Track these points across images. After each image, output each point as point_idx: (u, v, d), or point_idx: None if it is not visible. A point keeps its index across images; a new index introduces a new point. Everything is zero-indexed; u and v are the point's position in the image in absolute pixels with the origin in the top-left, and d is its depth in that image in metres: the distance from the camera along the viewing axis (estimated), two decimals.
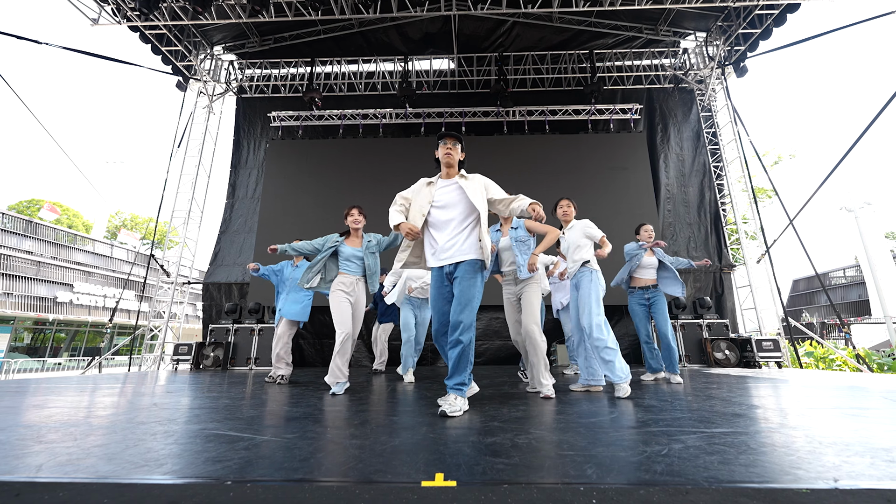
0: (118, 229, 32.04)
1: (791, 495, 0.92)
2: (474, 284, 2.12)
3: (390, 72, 9.02)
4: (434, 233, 2.26)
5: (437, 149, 2.39)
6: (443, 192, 2.28)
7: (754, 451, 1.32)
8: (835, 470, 1.10)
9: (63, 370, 20.58)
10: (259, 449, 1.39)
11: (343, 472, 1.14)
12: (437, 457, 1.28)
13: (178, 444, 1.48)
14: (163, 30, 7.59)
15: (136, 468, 1.18)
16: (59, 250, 23.83)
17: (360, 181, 7.95)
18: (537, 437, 1.55)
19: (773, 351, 6.07)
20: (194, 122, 8.65)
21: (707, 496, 0.92)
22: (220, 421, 1.96)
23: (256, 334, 6.66)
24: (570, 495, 0.93)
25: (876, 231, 17.33)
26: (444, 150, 2.33)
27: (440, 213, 2.24)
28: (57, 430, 1.75)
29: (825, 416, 1.94)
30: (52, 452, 1.36)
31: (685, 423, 1.79)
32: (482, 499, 0.93)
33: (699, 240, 7.83)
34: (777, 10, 7.09)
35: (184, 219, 8.25)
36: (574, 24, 8.31)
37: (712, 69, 8.27)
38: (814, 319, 21.57)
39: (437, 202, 2.26)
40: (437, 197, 2.28)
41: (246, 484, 1.02)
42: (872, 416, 1.95)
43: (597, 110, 8.32)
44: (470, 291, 2.10)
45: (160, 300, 7.99)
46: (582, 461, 1.20)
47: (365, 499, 0.94)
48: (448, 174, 2.35)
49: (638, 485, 0.99)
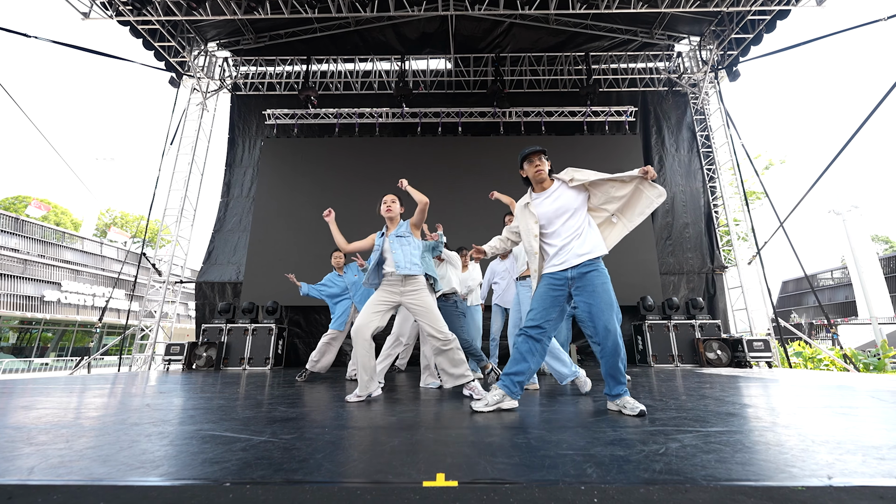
0: (108, 227, 31.59)
1: (787, 493, 0.94)
2: (607, 286, 2.11)
3: (387, 71, 9.00)
4: (551, 241, 2.26)
5: (522, 168, 2.39)
6: (549, 205, 2.27)
7: (749, 449, 1.34)
8: (828, 468, 1.12)
9: (50, 371, 20.24)
10: (257, 450, 1.38)
11: (343, 472, 1.13)
12: (437, 457, 1.27)
13: (174, 446, 1.47)
14: (156, 25, 7.49)
15: (132, 470, 1.16)
16: (47, 248, 23.43)
17: (356, 180, 7.92)
18: (536, 436, 1.56)
19: (764, 351, 6.15)
20: (187, 119, 8.56)
21: (706, 494, 0.93)
22: (215, 422, 1.94)
23: (250, 334, 6.60)
24: (572, 495, 0.94)
25: (862, 234, 17.67)
26: (533, 169, 2.32)
27: (553, 227, 2.25)
28: (47, 431, 1.73)
29: (816, 415, 1.98)
30: (44, 454, 1.33)
31: (681, 422, 1.81)
32: (484, 498, 0.93)
33: (692, 241, 7.91)
34: (769, 15, 7.19)
35: (176, 217, 8.15)
36: (570, 26, 8.36)
37: (706, 73, 8.37)
38: (802, 320, 21.92)
39: (544, 215, 2.27)
40: (542, 212, 2.28)
41: (245, 485, 1.01)
42: (861, 415, 1.99)
43: (592, 112, 8.38)
44: (607, 294, 2.09)
45: (151, 299, 7.89)
46: (581, 461, 1.21)
47: (367, 499, 0.94)
48: (543, 188, 2.34)
49: (638, 484, 1.00)
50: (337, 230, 3.11)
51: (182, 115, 8.48)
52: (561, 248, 2.19)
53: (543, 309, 2.15)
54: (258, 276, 7.36)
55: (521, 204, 2.38)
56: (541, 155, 2.34)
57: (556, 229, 2.23)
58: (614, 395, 2.10)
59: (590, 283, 2.09)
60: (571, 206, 2.22)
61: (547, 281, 2.20)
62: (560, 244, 2.20)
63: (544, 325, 2.14)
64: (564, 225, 2.21)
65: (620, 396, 2.08)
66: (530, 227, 2.27)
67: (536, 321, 2.15)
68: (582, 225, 2.21)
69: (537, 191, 2.35)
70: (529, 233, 2.28)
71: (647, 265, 7.32)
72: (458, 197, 7.75)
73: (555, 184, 2.32)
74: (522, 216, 2.35)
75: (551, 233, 2.24)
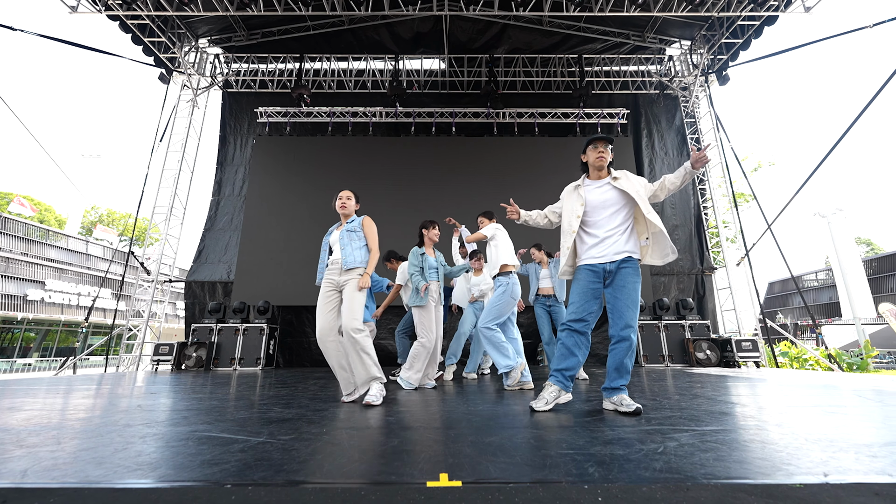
0: (94, 225, 30.97)
1: (786, 490, 0.96)
2: (637, 286, 2.16)
3: (380, 70, 8.96)
4: (591, 231, 2.28)
5: (585, 152, 2.40)
6: (598, 193, 2.29)
7: (745, 448, 1.36)
8: (823, 465, 1.15)
9: (33, 371, 19.76)
10: (255, 451, 1.37)
11: (345, 473, 1.13)
12: (438, 457, 1.27)
13: (170, 447, 1.44)
14: (145, 20, 7.37)
15: (129, 472, 1.14)
16: (30, 246, 22.88)
17: (349, 180, 7.86)
18: (535, 436, 1.57)
19: (752, 351, 6.26)
20: (177, 116, 8.43)
21: (707, 493, 0.95)
22: (210, 423, 1.91)
23: (241, 334, 6.53)
24: (577, 493, 0.95)
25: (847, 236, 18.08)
26: (596, 154, 2.33)
27: (596, 215, 2.27)
28: (37, 433, 1.69)
29: (806, 414, 2.02)
30: (36, 457, 1.30)
31: (676, 421, 1.83)
32: (489, 498, 0.93)
33: (682, 243, 8.02)
34: (758, 21, 7.32)
35: (165, 215, 8.02)
36: (563, 28, 8.42)
37: (696, 77, 8.49)
38: (788, 320, 22.36)
39: (592, 202, 2.28)
40: (591, 198, 2.29)
41: (247, 487, 1.00)
42: (850, 414, 2.03)
43: (585, 114, 8.45)
44: (635, 294, 2.14)
45: (139, 299, 7.75)
46: (582, 460, 1.22)
47: (371, 500, 0.93)
48: (599, 176, 2.36)
49: (640, 482, 1.01)
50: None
51: (172, 112, 8.35)
52: (601, 241, 2.23)
53: (584, 302, 2.19)
54: (249, 276, 7.27)
55: (572, 186, 2.42)
56: (607, 143, 2.36)
57: (599, 220, 2.26)
58: (613, 390, 2.13)
59: (623, 278, 2.15)
60: (617, 202, 2.25)
61: (585, 273, 2.24)
62: (601, 236, 2.24)
63: (587, 317, 2.19)
64: (607, 218, 2.25)
65: (618, 392, 2.12)
66: (575, 208, 2.31)
67: (579, 314, 2.19)
68: (625, 224, 2.24)
69: (591, 177, 2.39)
70: (573, 213, 2.31)
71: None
72: (451, 197, 7.75)
73: (608, 178, 2.34)
74: (570, 197, 2.39)
75: (593, 222, 2.28)
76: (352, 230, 2.86)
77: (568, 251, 2.30)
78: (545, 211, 2.57)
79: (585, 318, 2.18)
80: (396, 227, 7.57)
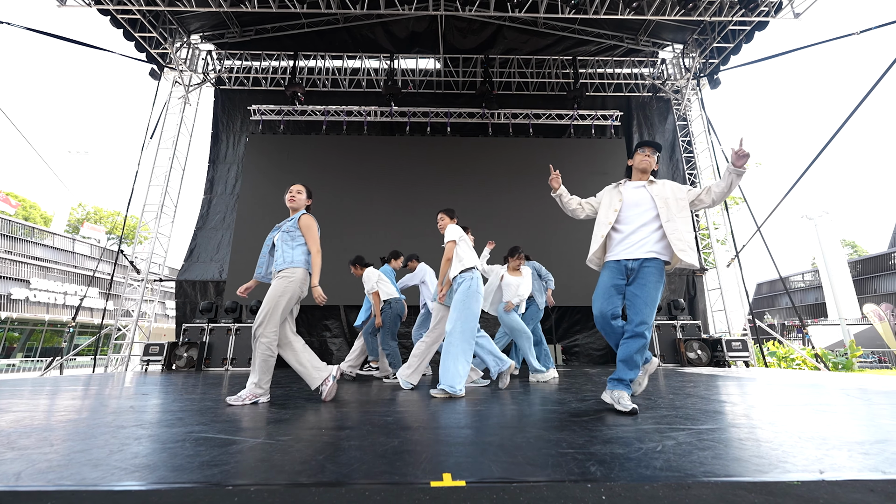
0: (81, 223, 30.40)
1: (784, 487, 0.97)
2: (659, 286, 2.21)
3: (375, 69, 8.93)
4: (620, 227, 2.36)
5: (632, 157, 2.54)
6: (633, 193, 2.41)
7: (741, 446, 1.38)
8: (818, 462, 1.17)
9: (17, 372, 19.34)
10: (254, 452, 1.36)
11: (347, 473, 1.12)
12: (439, 457, 1.27)
13: (167, 449, 1.42)
14: (136, 15, 7.25)
15: (127, 474, 1.12)
16: (15, 244, 22.39)
17: (344, 179, 7.85)
18: (535, 435, 1.58)
19: (742, 351, 6.36)
20: (169, 112, 8.31)
21: (708, 490, 0.96)
22: (205, 423, 1.89)
23: (233, 334, 6.46)
24: (580, 492, 0.95)
25: (833, 238, 18.45)
26: (642, 156, 2.48)
27: (628, 211, 2.36)
28: (28, 434, 1.65)
29: (798, 413, 2.05)
30: (29, 459, 1.28)
31: (672, 420, 1.86)
32: (494, 498, 0.93)
33: None
34: (749, 26, 7.44)
35: (156, 213, 7.91)
36: (558, 30, 8.47)
37: (688, 80, 8.60)
38: (775, 321, 22.75)
39: (627, 200, 2.38)
40: (627, 196, 2.40)
41: (250, 488, 0.99)
42: (839, 412, 2.08)
43: (579, 115, 8.50)
44: (655, 293, 2.19)
45: (129, 298, 7.63)
46: (583, 459, 1.22)
47: (376, 500, 0.93)
48: (641, 178, 2.49)
49: (642, 481, 1.02)
50: None
51: (163, 108, 8.23)
52: (627, 237, 2.30)
53: (608, 298, 2.24)
54: (242, 275, 7.19)
55: (613, 185, 2.54)
56: (654, 150, 2.51)
57: (629, 216, 2.34)
58: (617, 381, 2.15)
59: (645, 276, 2.21)
60: (649, 203, 2.34)
61: (609, 270, 2.31)
62: (628, 231, 2.31)
63: (618, 311, 2.25)
64: (637, 216, 2.33)
65: (621, 386, 2.14)
66: (613, 202, 2.42)
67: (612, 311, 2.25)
68: (655, 225, 2.30)
69: (633, 178, 2.51)
70: (610, 207, 2.42)
71: None
72: (446, 197, 7.74)
73: (646, 181, 2.46)
74: (609, 193, 2.50)
75: (624, 218, 2.36)
76: (286, 230, 2.76)
77: (601, 240, 2.38)
78: (584, 200, 2.62)
79: (617, 312, 2.26)
80: (390, 227, 7.56)
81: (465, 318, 2.99)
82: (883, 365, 17.13)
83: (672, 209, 2.29)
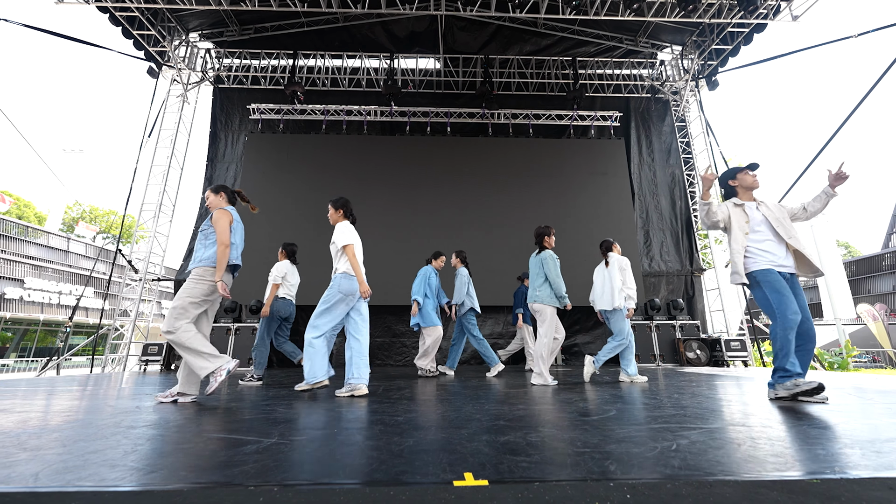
0: (75, 222, 30.15)
1: (804, 486, 0.98)
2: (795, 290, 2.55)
3: (375, 69, 8.91)
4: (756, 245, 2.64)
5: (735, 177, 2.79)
6: (754, 213, 2.69)
7: (754, 445, 1.39)
8: (833, 461, 1.18)
9: (11, 372, 19.14)
10: (270, 452, 1.35)
11: (368, 473, 1.12)
12: (457, 456, 1.28)
13: (181, 449, 1.42)
14: (135, 12, 7.20)
15: (145, 475, 1.12)
16: (8, 243, 22.15)
17: (344, 178, 7.83)
18: (548, 435, 1.58)
19: (740, 350, 6.41)
20: (167, 111, 8.26)
21: (730, 489, 0.97)
22: (215, 424, 1.88)
23: (233, 334, 6.43)
24: (604, 491, 0.96)
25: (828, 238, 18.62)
26: (752, 178, 2.75)
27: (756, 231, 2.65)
28: (37, 435, 1.64)
29: (803, 412, 2.07)
30: (44, 460, 1.27)
31: (681, 419, 1.87)
32: (519, 497, 0.94)
33: (672, 244, 8.16)
34: (747, 28, 7.49)
35: (154, 212, 7.86)
36: (558, 30, 8.50)
37: (686, 81, 8.65)
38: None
39: (753, 219, 2.66)
40: (752, 216, 2.67)
41: (273, 488, 0.99)
42: (844, 411, 2.10)
43: (579, 116, 8.53)
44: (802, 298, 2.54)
45: (126, 297, 7.57)
46: (601, 458, 1.23)
47: (402, 500, 0.93)
48: (750, 197, 2.76)
49: (664, 479, 1.03)
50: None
51: (161, 106, 8.18)
52: (768, 252, 2.58)
53: (792, 301, 2.45)
54: (241, 275, 7.09)
55: (731, 202, 2.75)
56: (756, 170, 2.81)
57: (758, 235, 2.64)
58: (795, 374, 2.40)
59: (797, 286, 2.57)
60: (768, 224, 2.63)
61: (776, 276, 2.50)
62: (764, 248, 2.59)
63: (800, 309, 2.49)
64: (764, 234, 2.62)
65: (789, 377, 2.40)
66: (742, 225, 2.67)
67: (797, 311, 2.45)
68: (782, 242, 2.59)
69: (743, 198, 2.76)
70: (741, 230, 2.65)
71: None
72: (446, 196, 7.76)
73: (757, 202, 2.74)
74: (734, 211, 2.72)
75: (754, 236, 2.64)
76: (202, 229, 2.77)
77: (738, 253, 2.61)
78: (722, 204, 2.80)
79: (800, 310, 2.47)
80: (389, 227, 7.55)
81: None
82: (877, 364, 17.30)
83: (787, 227, 2.59)
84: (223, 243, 2.62)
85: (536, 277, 3.80)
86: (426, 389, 3.32)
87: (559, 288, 3.66)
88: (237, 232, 2.81)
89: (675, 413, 2.04)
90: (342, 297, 3.01)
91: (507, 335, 7.44)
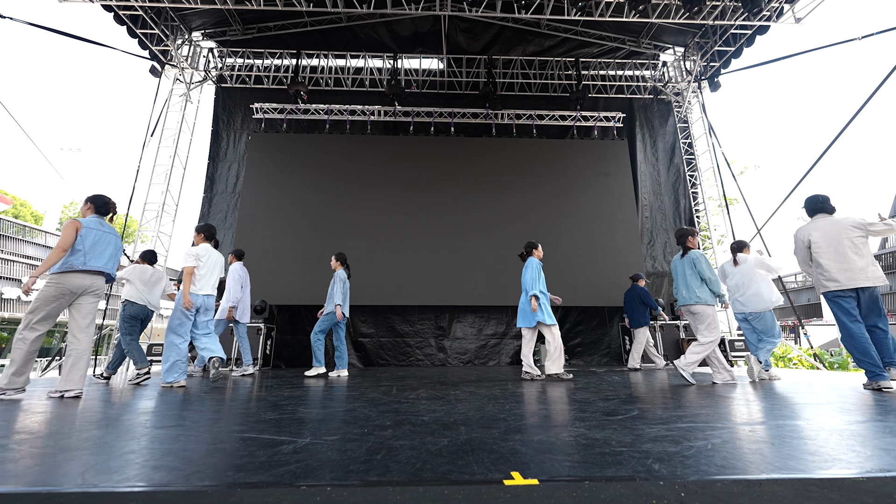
0: None
1: (852, 483, 1.00)
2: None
3: (379, 68, 8.90)
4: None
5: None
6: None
7: (787, 443, 1.41)
8: (870, 460, 1.20)
9: None
10: (308, 452, 1.35)
11: (414, 472, 1.13)
12: (498, 456, 1.28)
13: (218, 450, 1.42)
14: (138, 11, 7.16)
15: (191, 475, 1.12)
16: (5, 242, 21.97)
17: (347, 178, 7.82)
18: (580, 434, 1.59)
19: (744, 350, 6.44)
20: (170, 110, 8.21)
21: (780, 487, 0.98)
22: (242, 424, 1.88)
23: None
24: (656, 489, 0.97)
25: None
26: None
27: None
28: (68, 436, 1.63)
29: (823, 411, 2.09)
30: (84, 461, 1.26)
31: (707, 418, 1.88)
32: (574, 496, 0.94)
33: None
34: (750, 30, 7.54)
35: (157, 212, 7.82)
36: (561, 31, 8.52)
37: (689, 83, 8.69)
38: None
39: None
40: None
41: (326, 488, 0.99)
42: (863, 411, 2.12)
43: (582, 117, 8.55)
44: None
45: None
46: (641, 457, 1.24)
47: (458, 499, 0.94)
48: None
49: (710, 477, 1.04)
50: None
51: (164, 106, 8.14)
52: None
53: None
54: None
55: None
56: None
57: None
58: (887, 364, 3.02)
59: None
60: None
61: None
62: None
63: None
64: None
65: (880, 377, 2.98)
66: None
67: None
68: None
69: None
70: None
71: (633, 267, 7.52)
72: (449, 197, 7.76)
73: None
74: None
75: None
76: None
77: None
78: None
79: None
80: (392, 227, 7.55)
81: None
82: None
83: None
84: (59, 248, 2.93)
85: (691, 279, 3.77)
86: (439, 390, 3.33)
87: (718, 287, 3.72)
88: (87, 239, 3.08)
89: (697, 412, 2.05)
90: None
91: (508, 335, 7.45)
